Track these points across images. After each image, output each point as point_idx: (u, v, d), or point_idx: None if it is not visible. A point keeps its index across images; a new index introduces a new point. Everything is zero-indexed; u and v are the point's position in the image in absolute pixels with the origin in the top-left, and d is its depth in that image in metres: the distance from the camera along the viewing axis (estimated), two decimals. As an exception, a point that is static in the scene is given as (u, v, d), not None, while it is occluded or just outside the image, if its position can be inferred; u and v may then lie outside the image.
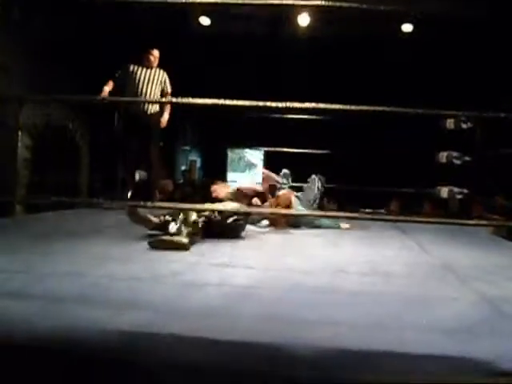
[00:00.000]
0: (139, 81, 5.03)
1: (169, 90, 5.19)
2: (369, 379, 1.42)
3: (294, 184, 5.02)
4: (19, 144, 5.77)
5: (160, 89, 5.15)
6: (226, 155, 7.27)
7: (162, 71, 5.17)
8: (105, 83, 4.98)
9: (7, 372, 1.53)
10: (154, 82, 5.07)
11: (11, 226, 3.87)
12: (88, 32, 6.39)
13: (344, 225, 4.31)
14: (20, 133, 5.78)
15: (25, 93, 5.33)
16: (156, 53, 5.12)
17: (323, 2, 2.23)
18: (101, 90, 4.89)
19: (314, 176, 4.72)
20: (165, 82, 5.18)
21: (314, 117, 5.76)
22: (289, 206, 4.24)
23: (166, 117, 5.16)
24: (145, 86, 5.01)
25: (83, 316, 1.62)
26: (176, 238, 2.85)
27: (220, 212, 3.26)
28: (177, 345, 1.48)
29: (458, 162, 5.16)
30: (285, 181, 4.97)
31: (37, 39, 5.89)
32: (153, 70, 5.10)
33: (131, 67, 5.08)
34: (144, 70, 5.08)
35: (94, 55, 6.46)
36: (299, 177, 4.91)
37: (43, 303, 1.74)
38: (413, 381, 1.41)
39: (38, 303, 1.74)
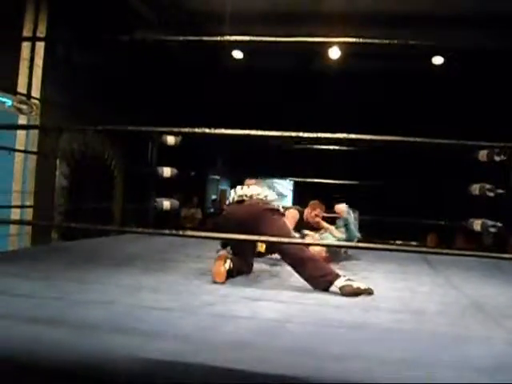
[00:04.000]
0: None
1: None
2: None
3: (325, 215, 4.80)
4: (57, 172, 5.97)
5: None
6: (255, 185, 7.28)
7: None
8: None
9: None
10: None
11: (47, 252, 3.97)
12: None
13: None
14: (58, 161, 5.99)
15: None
16: None
17: (355, 40, 2.27)
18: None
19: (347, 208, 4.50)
20: None
21: (344, 148, 5.75)
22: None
23: None
24: None
25: (114, 344, 1.65)
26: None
27: None
28: (206, 375, 1.50)
29: (490, 194, 5.06)
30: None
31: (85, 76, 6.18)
32: None
33: None
34: None
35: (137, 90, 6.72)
36: (329, 208, 4.85)
37: (75, 330, 1.78)
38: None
39: (70, 330, 1.78)
